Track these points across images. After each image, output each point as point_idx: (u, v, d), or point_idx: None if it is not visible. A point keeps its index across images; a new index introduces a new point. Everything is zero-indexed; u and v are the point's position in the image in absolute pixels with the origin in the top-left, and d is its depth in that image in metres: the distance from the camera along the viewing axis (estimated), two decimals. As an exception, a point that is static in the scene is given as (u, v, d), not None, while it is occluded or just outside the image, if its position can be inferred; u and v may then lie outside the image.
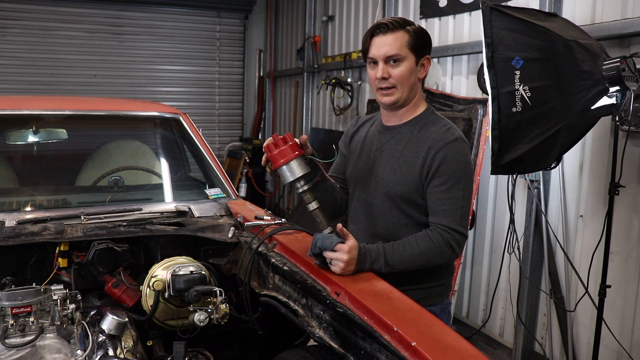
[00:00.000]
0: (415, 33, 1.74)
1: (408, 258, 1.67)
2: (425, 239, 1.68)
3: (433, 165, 1.72)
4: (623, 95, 2.24)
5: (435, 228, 1.70)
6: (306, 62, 6.41)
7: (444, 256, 1.70)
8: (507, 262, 3.38)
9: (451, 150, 1.71)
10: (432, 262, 1.71)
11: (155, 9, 7.25)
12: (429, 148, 1.73)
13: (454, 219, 1.70)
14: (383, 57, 1.73)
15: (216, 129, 7.81)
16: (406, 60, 1.73)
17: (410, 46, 1.73)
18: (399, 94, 1.76)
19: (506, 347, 3.53)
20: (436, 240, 1.68)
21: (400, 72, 1.74)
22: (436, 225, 1.71)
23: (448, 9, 3.97)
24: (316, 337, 1.55)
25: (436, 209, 1.72)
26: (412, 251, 1.67)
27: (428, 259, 1.69)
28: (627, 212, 2.74)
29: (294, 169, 1.60)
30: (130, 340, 1.67)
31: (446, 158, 1.71)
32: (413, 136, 1.80)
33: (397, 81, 1.74)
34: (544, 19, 2.28)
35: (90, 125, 3.16)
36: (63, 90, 6.80)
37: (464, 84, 3.86)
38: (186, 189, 2.84)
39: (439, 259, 1.71)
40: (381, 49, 1.73)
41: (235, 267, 2.05)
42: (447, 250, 1.69)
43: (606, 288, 2.47)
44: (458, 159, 1.72)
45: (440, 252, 1.68)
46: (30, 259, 1.95)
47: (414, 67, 1.75)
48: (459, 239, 1.71)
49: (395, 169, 1.79)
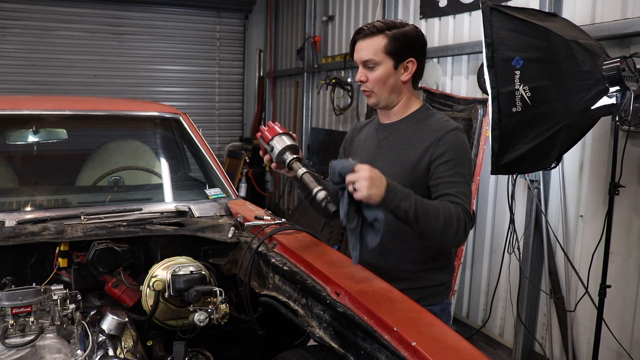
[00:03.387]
0: (394, 37, 1.74)
1: (433, 215, 1.59)
2: (450, 209, 1.63)
3: (436, 153, 1.72)
4: (623, 95, 2.24)
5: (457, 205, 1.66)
6: (306, 62, 6.41)
7: (458, 233, 1.63)
8: (507, 262, 3.38)
9: (453, 138, 1.73)
10: (447, 234, 1.63)
11: (155, 9, 7.26)
12: (430, 138, 1.74)
13: (467, 202, 1.69)
14: (360, 61, 1.79)
15: (216, 129, 7.82)
16: (382, 64, 1.76)
17: (386, 51, 1.74)
18: (378, 97, 1.81)
19: (506, 347, 3.53)
20: (458, 214, 1.63)
21: (375, 77, 1.77)
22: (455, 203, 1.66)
23: (448, 9, 3.97)
24: (316, 337, 1.55)
25: (449, 191, 1.68)
26: (437, 211, 1.60)
27: (445, 229, 1.61)
28: (627, 212, 2.74)
29: (284, 140, 1.73)
30: (130, 340, 1.67)
31: (451, 145, 1.72)
32: (412, 130, 1.81)
33: (373, 85, 1.79)
34: (544, 19, 2.29)
35: (90, 125, 3.16)
36: (63, 90, 6.80)
37: (464, 84, 3.86)
38: (186, 189, 2.84)
39: (453, 234, 1.63)
40: (359, 53, 1.79)
41: (235, 267, 2.05)
42: (462, 229, 1.64)
43: (606, 288, 2.47)
44: (462, 145, 1.74)
45: (457, 226, 1.62)
46: (30, 259, 1.95)
47: (391, 71, 1.77)
48: (469, 224, 1.68)
49: (395, 163, 1.79)
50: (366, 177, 1.50)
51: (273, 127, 1.76)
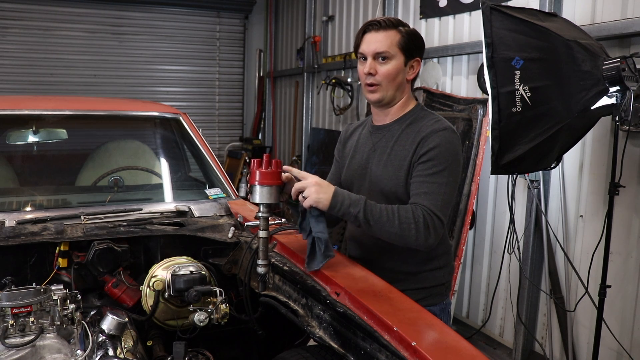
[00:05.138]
0: (407, 34, 1.75)
1: (386, 219, 1.61)
2: (407, 211, 1.63)
3: (421, 152, 1.71)
4: (623, 95, 2.24)
5: (417, 206, 1.65)
6: (306, 62, 6.41)
7: (419, 235, 1.61)
8: (507, 262, 3.38)
9: (439, 138, 1.70)
10: (406, 237, 1.62)
11: (155, 9, 7.26)
12: (418, 138, 1.73)
13: (434, 203, 1.65)
14: (372, 53, 1.76)
15: (216, 129, 7.82)
16: (394, 59, 1.75)
17: (400, 46, 1.74)
18: (384, 92, 1.78)
19: (506, 347, 3.53)
20: (417, 216, 1.61)
21: (387, 70, 1.75)
22: (417, 204, 1.65)
23: (448, 9, 3.97)
24: (316, 337, 1.55)
25: (418, 191, 1.67)
26: (391, 215, 1.61)
27: (403, 232, 1.61)
28: (627, 212, 2.74)
29: (261, 195, 1.65)
30: (130, 340, 1.67)
31: (434, 144, 1.69)
32: (403, 131, 1.80)
33: (383, 79, 1.76)
34: (544, 19, 2.28)
35: (90, 125, 3.16)
36: (63, 90, 6.80)
37: (464, 84, 3.86)
38: (186, 189, 2.84)
39: (413, 236, 1.61)
40: (371, 45, 1.76)
41: (235, 267, 2.05)
42: (424, 231, 1.61)
43: (606, 288, 2.47)
44: (446, 146, 1.70)
45: (416, 229, 1.60)
46: (30, 259, 1.95)
47: (402, 67, 1.76)
48: (437, 224, 1.64)
49: (387, 165, 1.79)
50: (313, 183, 1.60)
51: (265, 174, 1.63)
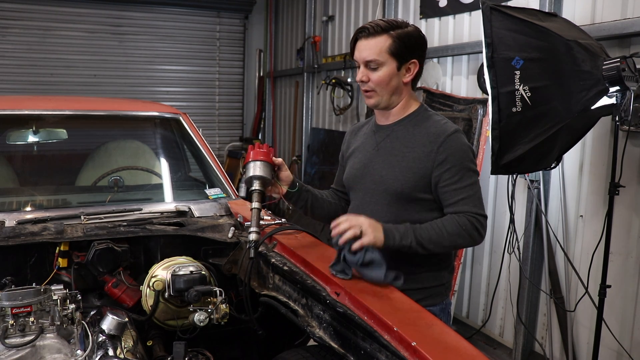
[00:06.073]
0: (398, 38, 1.72)
1: (436, 237, 1.66)
2: (452, 222, 1.68)
3: (438, 160, 1.72)
4: (623, 95, 2.24)
5: (460, 215, 1.71)
6: (306, 62, 6.41)
7: (473, 239, 1.70)
8: (507, 262, 3.38)
9: (453, 143, 1.73)
10: (459, 245, 1.73)
11: (155, 9, 7.25)
12: (430, 143, 1.74)
13: (474, 204, 1.71)
14: (362, 61, 1.76)
15: (216, 129, 7.81)
16: (385, 65, 1.73)
17: (390, 52, 1.72)
18: (379, 97, 1.78)
19: (506, 347, 3.53)
20: (463, 223, 1.68)
21: (379, 77, 1.75)
22: (460, 212, 1.71)
23: (448, 9, 3.97)
24: (316, 337, 1.55)
25: (456, 199, 1.72)
26: (440, 231, 1.67)
27: (455, 241, 1.69)
28: (627, 212, 2.74)
29: (257, 168, 1.78)
30: (130, 340, 1.67)
31: (451, 151, 1.72)
32: (409, 133, 1.80)
33: (376, 85, 1.76)
34: (544, 19, 2.28)
35: (90, 125, 3.16)
36: (63, 90, 6.80)
37: (464, 84, 3.86)
38: (186, 189, 2.84)
39: (467, 241, 1.71)
40: (362, 53, 1.75)
41: (235, 267, 2.05)
42: (475, 234, 1.70)
43: (606, 288, 2.47)
44: (462, 149, 1.74)
45: (468, 234, 1.68)
46: (30, 259, 1.95)
47: (394, 72, 1.75)
48: (483, 222, 1.72)
49: (393, 166, 1.79)
50: (367, 224, 1.60)
51: (257, 152, 1.80)
